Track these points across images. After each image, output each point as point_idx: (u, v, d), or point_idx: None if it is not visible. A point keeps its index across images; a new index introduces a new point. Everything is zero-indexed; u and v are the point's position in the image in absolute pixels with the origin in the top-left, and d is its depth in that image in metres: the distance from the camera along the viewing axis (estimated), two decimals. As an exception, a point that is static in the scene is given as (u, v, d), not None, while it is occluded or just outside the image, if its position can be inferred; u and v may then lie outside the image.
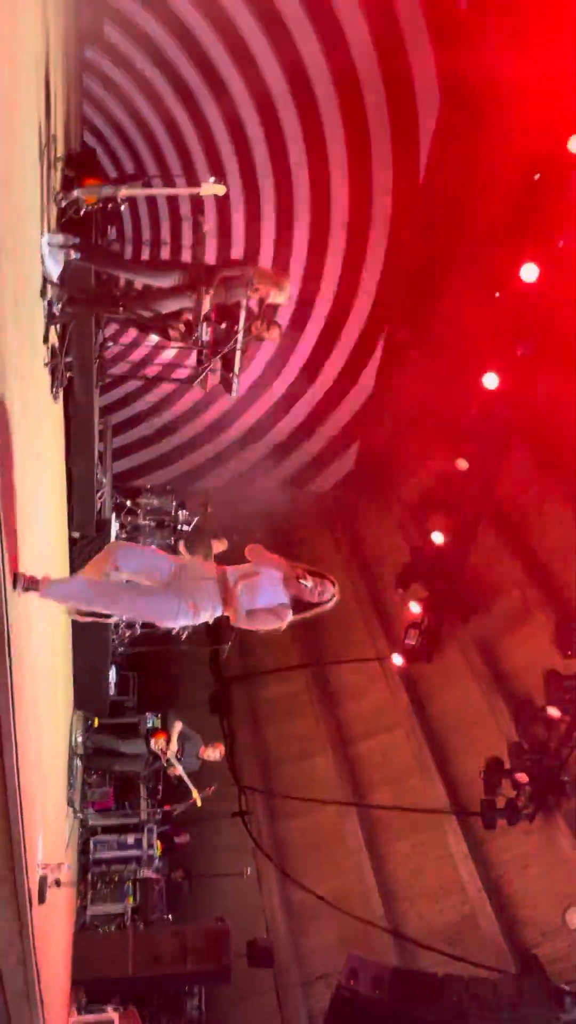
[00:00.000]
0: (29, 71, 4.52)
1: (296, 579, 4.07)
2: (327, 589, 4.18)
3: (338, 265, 12.77)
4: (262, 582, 4.06)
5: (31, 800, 4.12)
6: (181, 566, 4.06)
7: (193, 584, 3.95)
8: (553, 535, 10.74)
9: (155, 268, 6.20)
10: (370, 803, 11.11)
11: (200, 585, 3.96)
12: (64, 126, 7.35)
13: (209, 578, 4.00)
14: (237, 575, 4.05)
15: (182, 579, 3.96)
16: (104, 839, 10.03)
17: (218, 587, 3.98)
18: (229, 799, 11.33)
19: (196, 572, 4.05)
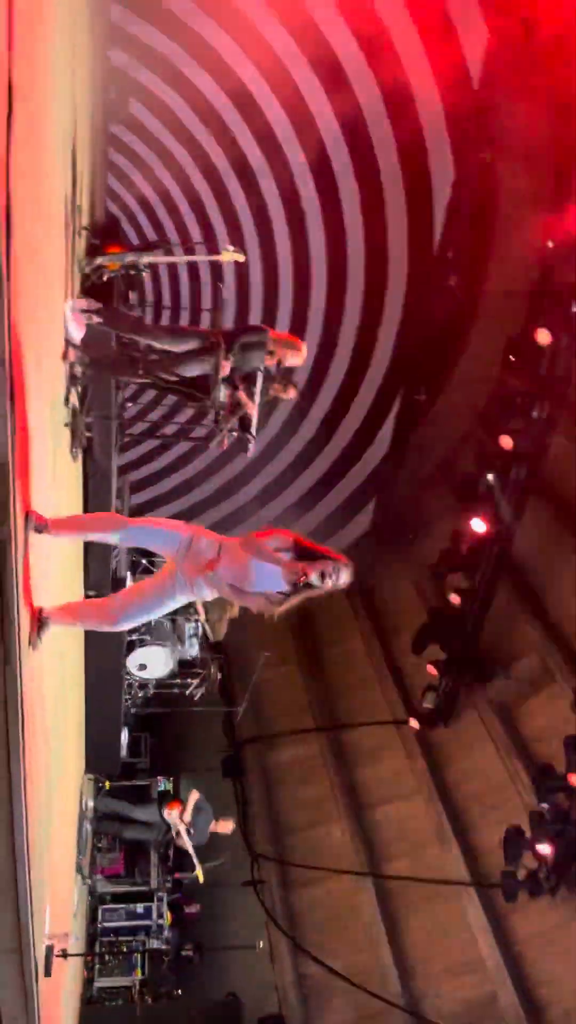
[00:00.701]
0: (58, 146, 4.69)
1: (299, 578, 3.76)
2: (341, 575, 3.85)
3: (354, 327, 12.99)
4: (253, 568, 3.78)
5: (39, 866, 4.03)
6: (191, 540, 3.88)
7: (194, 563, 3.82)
8: (572, 597, 10.63)
9: (174, 333, 6.33)
10: (386, 873, 10.78)
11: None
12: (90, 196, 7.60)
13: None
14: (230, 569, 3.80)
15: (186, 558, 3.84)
16: (113, 908, 9.78)
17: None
18: (241, 867, 11.05)
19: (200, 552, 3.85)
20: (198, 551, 3.81)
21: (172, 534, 3.89)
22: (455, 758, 11.25)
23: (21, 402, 3.17)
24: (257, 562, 3.77)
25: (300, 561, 3.78)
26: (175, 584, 3.87)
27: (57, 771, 5.42)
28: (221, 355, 5.57)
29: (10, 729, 3.19)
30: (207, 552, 3.81)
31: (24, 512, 3.34)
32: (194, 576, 3.81)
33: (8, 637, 3.05)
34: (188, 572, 3.81)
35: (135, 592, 4.05)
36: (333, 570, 3.80)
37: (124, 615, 3.98)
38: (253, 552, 3.78)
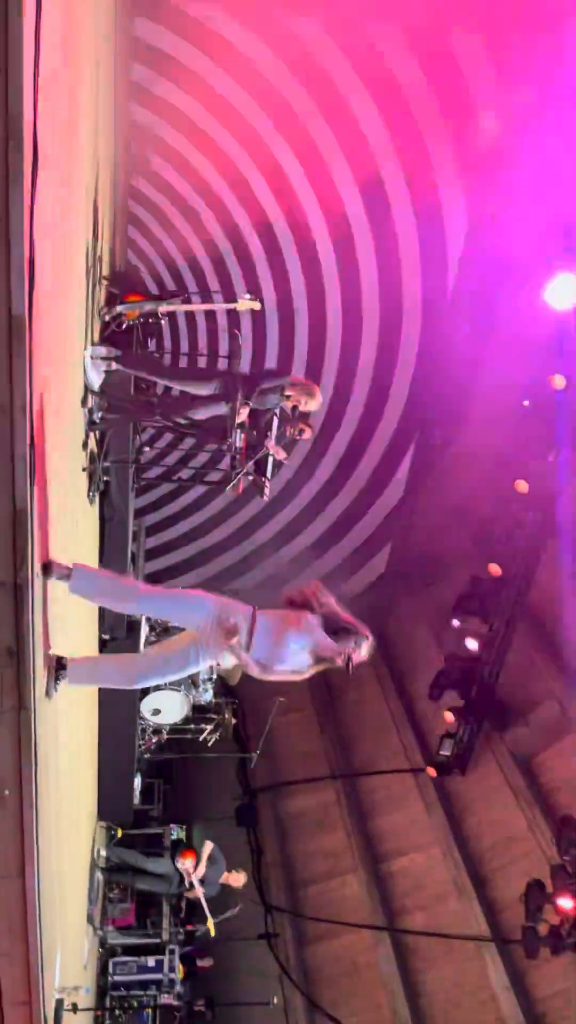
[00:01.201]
0: (79, 198, 4.82)
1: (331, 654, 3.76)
2: (363, 648, 3.85)
3: (370, 371, 13.11)
4: (289, 644, 3.72)
5: (50, 917, 3.96)
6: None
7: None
8: (591, 643, 10.50)
9: (192, 376, 6.42)
10: (404, 927, 10.51)
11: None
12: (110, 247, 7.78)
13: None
14: (266, 629, 3.73)
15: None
16: (124, 960, 9.56)
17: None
18: (255, 920, 10.81)
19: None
20: (229, 623, 3.70)
21: (193, 607, 3.79)
22: (473, 808, 11.03)
23: (40, 448, 3.21)
24: (295, 636, 3.72)
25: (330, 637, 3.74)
26: (199, 652, 3.79)
27: (70, 818, 5.36)
28: (238, 400, 5.64)
29: (23, 775, 3.17)
30: (240, 625, 3.71)
31: (43, 561, 3.35)
32: (221, 647, 3.73)
33: (24, 684, 3.05)
34: (214, 643, 3.73)
35: (158, 658, 3.94)
36: (356, 646, 3.82)
37: (141, 678, 3.95)
38: (288, 632, 3.72)
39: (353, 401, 13.45)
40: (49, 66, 2.95)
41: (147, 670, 3.90)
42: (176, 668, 3.88)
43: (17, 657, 3.03)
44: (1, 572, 2.92)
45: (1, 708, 3.06)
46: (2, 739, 3.11)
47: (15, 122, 2.51)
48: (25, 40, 2.50)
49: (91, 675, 3.91)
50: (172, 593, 3.98)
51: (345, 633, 3.80)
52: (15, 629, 2.99)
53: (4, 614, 2.97)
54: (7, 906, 3.37)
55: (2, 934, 3.42)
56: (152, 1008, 9.13)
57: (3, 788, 3.16)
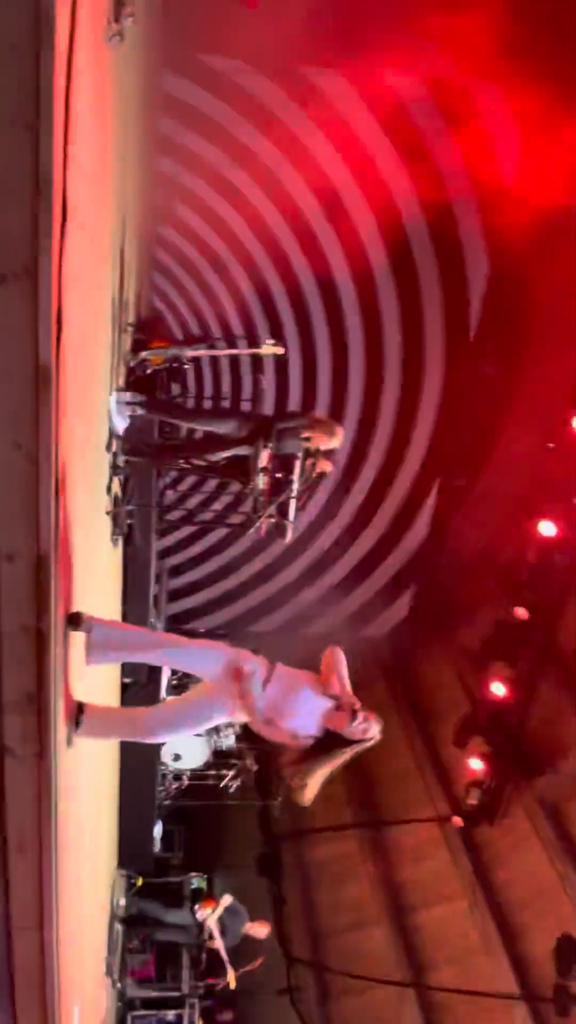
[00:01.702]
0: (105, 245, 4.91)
1: (346, 713, 3.69)
2: (371, 727, 3.79)
3: (392, 414, 13.16)
4: (302, 702, 3.69)
5: (69, 969, 3.87)
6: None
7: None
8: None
9: (215, 416, 6.46)
10: (430, 983, 10.19)
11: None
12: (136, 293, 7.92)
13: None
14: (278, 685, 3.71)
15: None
16: (143, 1015, 9.33)
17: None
18: (277, 972, 10.53)
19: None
20: (244, 669, 3.69)
21: (216, 655, 3.77)
22: (501, 859, 10.73)
23: (65, 493, 3.23)
24: (308, 695, 3.69)
25: (339, 710, 3.70)
26: (212, 708, 3.77)
27: (90, 867, 5.28)
28: (261, 442, 5.65)
29: (43, 824, 3.13)
30: (255, 677, 3.69)
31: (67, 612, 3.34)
32: (236, 702, 3.71)
33: (45, 731, 3.02)
34: (229, 697, 3.71)
35: (172, 711, 3.95)
36: (365, 725, 3.77)
37: (159, 732, 3.92)
38: (315, 686, 3.71)
39: (375, 443, 13.48)
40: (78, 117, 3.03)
41: (160, 726, 3.87)
42: (190, 724, 3.87)
43: (38, 704, 3.00)
44: (24, 617, 2.91)
45: (22, 755, 3.03)
46: (23, 787, 3.07)
47: (45, 175, 2.57)
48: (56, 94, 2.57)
49: (105, 729, 3.86)
50: (189, 645, 3.89)
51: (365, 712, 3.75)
52: (37, 675, 2.97)
53: (26, 660, 2.95)
54: (26, 959, 3.30)
55: (20, 988, 3.34)
56: (172, 1065, 8.89)
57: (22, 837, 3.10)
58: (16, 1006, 3.38)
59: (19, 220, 2.58)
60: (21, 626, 2.91)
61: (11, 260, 2.59)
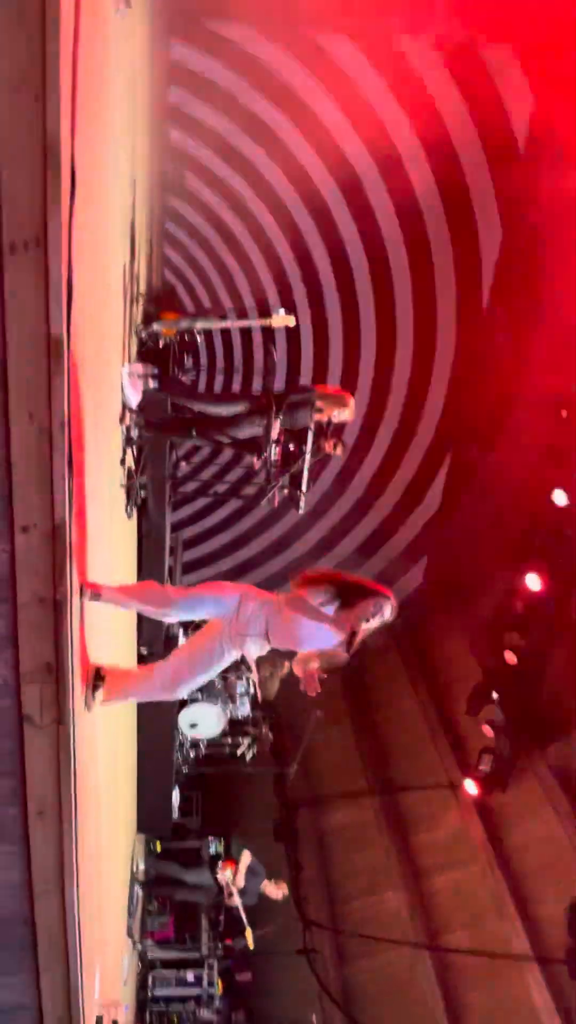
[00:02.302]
0: (115, 219, 4.90)
1: (351, 631, 3.68)
2: (384, 610, 3.77)
3: (404, 386, 13.09)
4: (304, 632, 3.74)
5: (90, 931, 3.98)
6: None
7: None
8: None
9: (224, 400, 6.48)
10: (445, 945, 10.36)
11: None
12: (146, 265, 7.89)
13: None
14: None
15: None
16: (163, 974, 9.56)
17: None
18: (294, 935, 10.74)
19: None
20: (247, 615, 3.75)
21: (221, 599, 3.84)
22: (514, 824, 10.85)
23: (79, 464, 3.26)
24: (306, 622, 3.72)
25: (344, 607, 3.70)
26: (223, 644, 3.83)
27: (109, 832, 5.39)
28: (272, 416, 5.67)
29: (63, 790, 3.20)
30: (256, 616, 3.75)
31: (82, 582, 3.39)
32: (244, 638, 3.77)
33: (63, 699, 3.08)
34: (237, 634, 3.78)
35: (183, 658, 3.96)
36: (375, 609, 3.73)
37: (177, 684, 3.94)
38: (300, 612, 3.72)
39: (388, 414, 13.43)
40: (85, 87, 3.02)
41: (177, 675, 3.90)
42: (204, 666, 3.89)
43: (56, 672, 3.06)
44: (40, 588, 2.95)
45: (41, 723, 3.09)
46: (42, 754, 3.14)
47: (53, 143, 2.57)
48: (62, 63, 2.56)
49: (124, 690, 3.91)
50: (200, 589, 3.96)
51: (369, 595, 3.74)
52: (54, 644, 3.03)
53: (43, 629, 3.00)
54: (48, 921, 3.39)
55: (42, 950, 3.44)
56: (191, 1023, 9.11)
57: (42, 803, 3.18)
58: (40, 966, 3.48)
59: (28, 189, 2.58)
60: (37, 596, 2.96)
61: (21, 229, 2.59)
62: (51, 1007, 3.55)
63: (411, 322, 12.52)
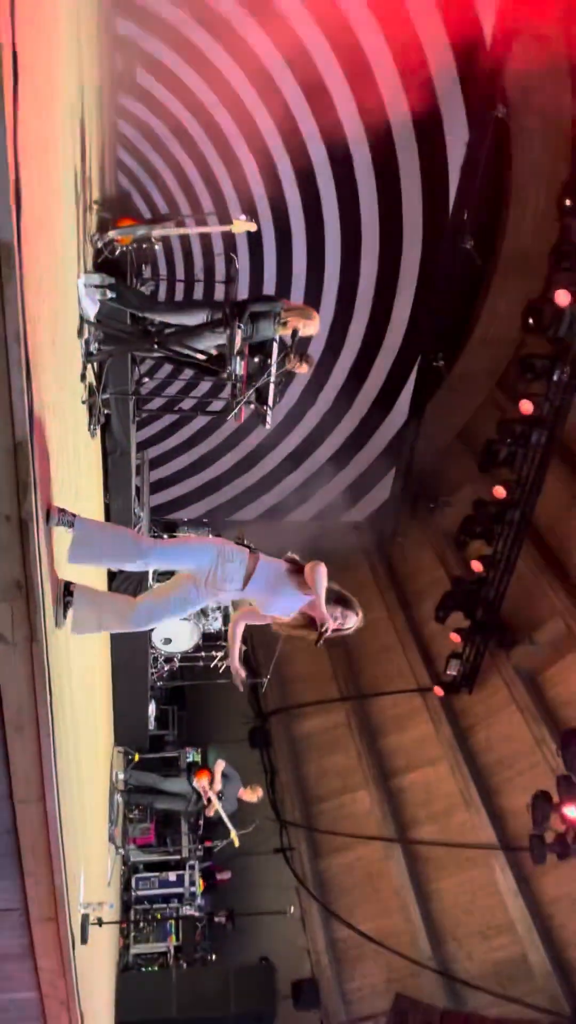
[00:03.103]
0: (64, 118, 4.63)
1: (322, 617, 3.78)
2: (348, 620, 3.90)
3: (370, 294, 12.86)
4: (283, 596, 3.82)
5: (72, 838, 4.10)
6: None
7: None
8: (595, 561, 10.58)
9: (188, 308, 6.28)
10: (415, 839, 10.89)
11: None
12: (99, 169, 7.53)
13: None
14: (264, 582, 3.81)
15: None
16: (146, 876, 9.96)
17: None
18: (271, 835, 11.20)
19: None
20: (226, 573, 3.76)
21: (199, 554, 3.81)
22: (480, 725, 11.29)
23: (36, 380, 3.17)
24: (285, 597, 3.79)
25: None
26: (199, 593, 3.83)
27: (87, 745, 5.50)
28: (235, 326, 5.53)
29: (39, 706, 3.23)
30: (236, 573, 3.76)
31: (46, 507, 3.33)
32: (220, 592, 3.80)
33: (35, 616, 3.08)
34: (215, 587, 3.79)
35: (158, 599, 3.93)
36: (342, 618, 3.87)
37: (149, 622, 3.98)
38: (285, 584, 3.78)
39: (354, 325, 13.23)
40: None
41: (147, 614, 3.91)
42: (177, 609, 3.92)
43: (26, 590, 3.04)
44: (5, 506, 2.90)
45: (14, 641, 3.10)
46: (16, 671, 3.15)
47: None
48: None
49: (93, 624, 3.89)
50: (177, 542, 3.96)
51: (344, 603, 3.86)
52: (22, 562, 3.00)
53: (11, 547, 2.97)
54: (30, 830, 3.48)
55: (27, 856, 3.54)
56: (175, 920, 9.55)
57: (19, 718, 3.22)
58: (24, 871, 3.59)
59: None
60: (3, 514, 2.91)
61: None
62: (37, 909, 3.69)
63: (377, 227, 12.20)
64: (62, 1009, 4.11)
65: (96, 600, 3.92)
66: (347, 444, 14.33)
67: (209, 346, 5.79)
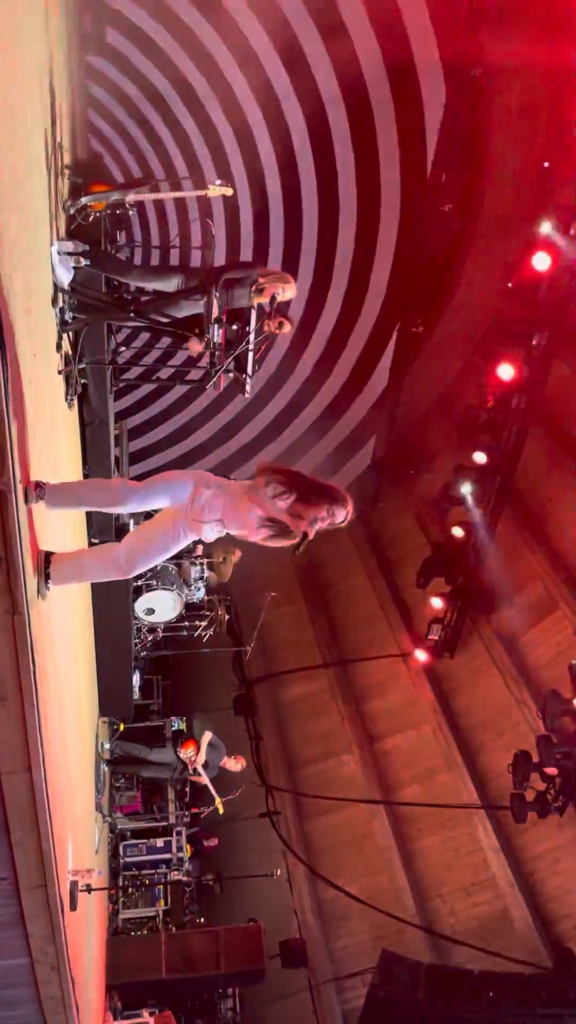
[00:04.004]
0: (32, 79, 4.52)
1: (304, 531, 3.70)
2: (336, 515, 3.79)
3: (348, 260, 12.75)
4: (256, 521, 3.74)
5: (59, 807, 4.13)
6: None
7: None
8: (573, 524, 10.67)
9: (161, 273, 6.19)
10: (399, 800, 11.07)
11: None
12: (70, 133, 7.37)
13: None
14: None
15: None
16: (133, 843, 10.06)
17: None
18: (257, 800, 11.33)
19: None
20: (202, 502, 3.73)
21: (176, 488, 3.79)
22: (462, 688, 11.45)
23: (12, 350, 3.12)
24: (260, 513, 3.72)
25: (299, 503, 3.70)
26: (180, 528, 3.80)
27: (72, 715, 5.52)
28: (212, 293, 5.46)
29: (23, 677, 3.23)
30: (211, 503, 3.73)
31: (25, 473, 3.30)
32: (200, 524, 3.76)
33: (16, 588, 3.07)
34: (194, 520, 3.76)
35: (140, 539, 3.90)
36: (328, 513, 3.75)
37: (132, 563, 3.87)
38: (256, 503, 3.71)
39: (332, 292, 13.12)
40: None
41: (133, 555, 3.84)
42: (161, 548, 3.87)
43: (6, 561, 3.03)
44: (-18, 479, 2.88)
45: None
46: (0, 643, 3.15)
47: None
48: None
49: (76, 572, 3.88)
50: (152, 480, 3.87)
51: (330, 497, 3.75)
52: (2, 534, 2.98)
53: (-11, 520, 2.95)
54: (17, 799, 3.50)
55: (14, 825, 3.57)
56: (163, 885, 9.67)
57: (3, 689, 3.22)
58: (12, 841, 3.62)
59: None
60: (-21, 487, 2.89)
61: None
62: (27, 877, 3.72)
63: (354, 191, 12.06)
64: (53, 974, 4.17)
65: (77, 557, 3.93)
66: (327, 412, 14.29)
67: (186, 312, 5.71)
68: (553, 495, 11.10)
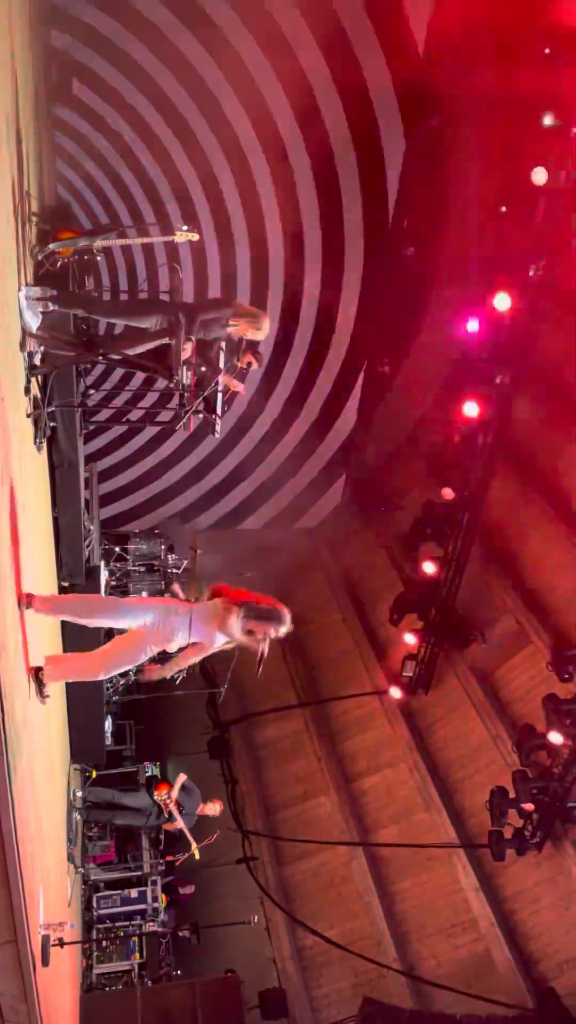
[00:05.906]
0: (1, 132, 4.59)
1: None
2: (277, 631, 4.48)
3: (315, 303, 12.96)
4: (217, 636, 4.46)
5: (30, 860, 4.03)
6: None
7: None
8: (543, 559, 10.77)
9: (133, 310, 6.22)
10: (377, 841, 10.94)
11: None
12: (38, 182, 7.46)
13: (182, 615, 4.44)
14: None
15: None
16: (107, 894, 9.80)
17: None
18: (233, 846, 11.13)
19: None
20: (172, 627, 4.35)
21: (142, 613, 4.41)
22: (437, 724, 11.41)
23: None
24: (219, 633, 4.41)
25: (251, 619, 4.40)
26: (149, 645, 4.40)
27: (43, 764, 5.41)
28: (183, 333, 5.49)
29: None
30: (181, 626, 4.35)
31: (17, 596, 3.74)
32: (168, 642, 4.41)
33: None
34: (163, 639, 4.38)
35: (114, 652, 4.53)
36: (274, 631, 4.47)
37: (108, 673, 4.69)
38: (221, 626, 4.37)
39: (300, 332, 13.31)
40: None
41: (106, 667, 4.57)
42: (132, 661, 4.56)
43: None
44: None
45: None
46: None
47: None
48: None
49: (64, 677, 4.78)
50: (124, 604, 4.76)
51: (268, 618, 4.44)
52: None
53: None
54: (-15, 851, 3.42)
55: (-17, 877, 3.48)
56: (138, 937, 9.41)
57: None
58: (-18, 892, 3.52)
59: None
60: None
61: None
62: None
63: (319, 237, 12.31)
64: (25, 1034, 4.03)
65: (62, 663, 4.74)
66: (296, 451, 14.40)
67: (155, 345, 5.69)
68: (521, 530, 11.22)
